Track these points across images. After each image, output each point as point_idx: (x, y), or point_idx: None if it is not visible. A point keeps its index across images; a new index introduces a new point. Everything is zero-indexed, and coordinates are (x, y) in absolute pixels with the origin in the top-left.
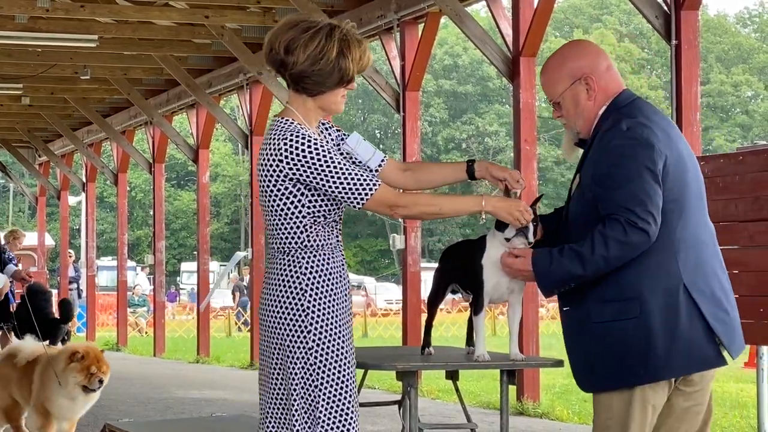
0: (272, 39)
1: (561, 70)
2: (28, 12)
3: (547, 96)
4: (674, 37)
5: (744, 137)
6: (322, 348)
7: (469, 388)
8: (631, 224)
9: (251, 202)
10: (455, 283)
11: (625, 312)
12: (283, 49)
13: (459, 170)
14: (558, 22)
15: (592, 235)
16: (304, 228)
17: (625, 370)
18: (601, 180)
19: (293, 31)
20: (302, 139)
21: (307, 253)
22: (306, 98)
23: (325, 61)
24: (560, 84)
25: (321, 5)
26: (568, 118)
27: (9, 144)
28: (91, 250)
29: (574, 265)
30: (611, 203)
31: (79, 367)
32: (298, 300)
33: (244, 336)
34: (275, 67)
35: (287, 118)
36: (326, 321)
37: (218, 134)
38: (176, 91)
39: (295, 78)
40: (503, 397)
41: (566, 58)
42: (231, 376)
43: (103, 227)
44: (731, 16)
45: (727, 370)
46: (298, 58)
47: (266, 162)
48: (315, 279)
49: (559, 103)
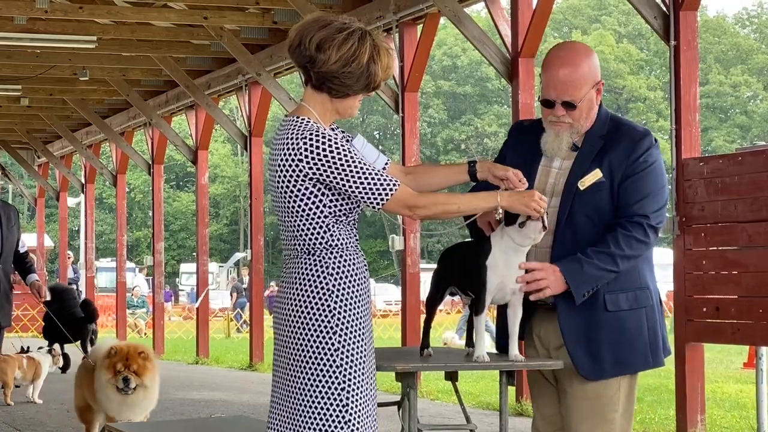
0: (303, 33)
1: (584, 72)
2: (26, 13)
3: (562, 95)
4: (673, 38)
5: (743, 138)
6: (347, 349)
7: (468, 389)
8: (651, 227)
9: (250, 204)
10: (454, 285)
11: (640, 300)
12: (314, 46)
13: (460, 171)
14: (557, 22)
15: (617, 236)
16: (328, 228)
17: (635, 357)
18: (631, 184)
19: (327, 30)
20: (322, 138)
21: (334, 252)
22: (327, 98)
23: (356, 65)
24: (585, 87)
25: (320, 6)
26: (577, 120)
27: (8, 145)
28: (90, 252)
29: (608, 265)
30: (637, 206)
31: (107, 363)
32: (324, 300)
33: (244, 337)
34: (301, 62)
35: (303, 116)
36: (351, 322)
37: (217, 135)
38: (175, 92)
39: (321, 77)
40: (502, 398)
41: (585, 61)
42: (230, 377)
43: (102, 228)
44: (730, 16)
45: (726, 371)
46: (330, 57)
47: (284, 162)
48: (342, 279)
49: (571, 103)
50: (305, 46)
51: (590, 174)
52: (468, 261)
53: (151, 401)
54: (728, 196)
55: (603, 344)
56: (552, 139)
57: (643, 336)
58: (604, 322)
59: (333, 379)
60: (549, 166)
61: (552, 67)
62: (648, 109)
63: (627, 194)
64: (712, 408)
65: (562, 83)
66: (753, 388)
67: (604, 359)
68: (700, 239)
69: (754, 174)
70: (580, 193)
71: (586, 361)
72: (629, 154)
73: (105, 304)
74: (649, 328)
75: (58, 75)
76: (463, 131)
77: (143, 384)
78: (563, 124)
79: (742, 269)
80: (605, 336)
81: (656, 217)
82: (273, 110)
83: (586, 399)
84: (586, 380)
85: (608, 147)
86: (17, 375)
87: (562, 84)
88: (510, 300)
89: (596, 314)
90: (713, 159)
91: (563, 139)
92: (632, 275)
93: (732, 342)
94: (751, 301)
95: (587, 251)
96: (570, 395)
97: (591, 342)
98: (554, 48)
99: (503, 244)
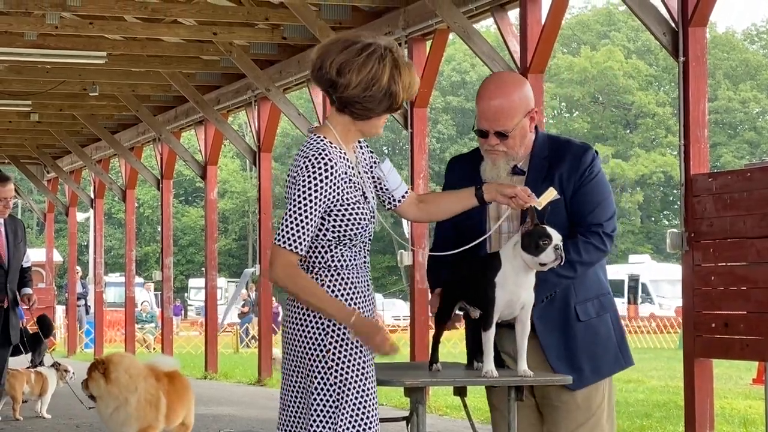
0: (323, 57)
1: (516, 102)
2: (37, 29)
3: (494, 125)
4: (682, 54)
5: (752, 154)
6: (341, 368)
7: (477, 405)
8: (606, 235)
9: (259, 219)
10: (462, 301)
11: (605, 306)
12: (335, 71)
13: (468, 197)
14: (566, 38)
15: (576, 243)
16: (329, 248)
17: (609, 361)
18: (582, 197)
19: (347, 53)
20: (319, 162)
21: (331, 272)
22: (349, 120)
23: (377, 88)
24: (516, 116)
25: (329, 22)
26: (511, 148)
27: (18, 160)
28: (99, 266)
29: (567, 271)
30: (591, 216)
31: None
32: (318, 318)
33: (252, 352)
34: (323, 86)
35: (321, 135)
36: (346, 340)
37: (226, 151)
38: (184, 108)
39: (344, 101)
40: (510, 414)
41: (517, 90)
42: (239, 392)
43: (111, 243)
44: (739, 32)
45: (735, 387)
46: (351, 82)
47: (290, 178)
48: (337, 299)
49: (503, 133)
50: (326, 70)
51: (545, 193)
52: (477, 276)
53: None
54: (737, 212)
55: (581, 354)
56: (490, 167)
57: (611, 339)
58: (578, 332)
59: (327, 396)
60: None
61: (483, 98)
62: (657, 125)
63: (579, 206)
64: (721, 424)
65: (493, 114)
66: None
67: (583, 369)
68: (709, 255)
69: (763, 190)
70: (539, 213)
71: (567, 371)
72: (576, 168)
73: (114, 318)
74: (615, 331)
75: (67, 90)
76: (471, 147)
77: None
78: (498, 153)
79: (751, 285)
80: (581, 345)
81: (609, 225)
82: (282, 126)
83: (577, 408)
84: (572, 390)
85: (554, 165)
86: (25, 390)
87: (493, 115)
88: (518, 316)
89: (571, 327)
90: (722, 175)
91: (500, 167)
92: (595, 283)
93: (741, 358)
94: (760, 317)
95: None
96: (561, 409)
97: (570, 354)
98: (486, 79)
99: (515, 262)
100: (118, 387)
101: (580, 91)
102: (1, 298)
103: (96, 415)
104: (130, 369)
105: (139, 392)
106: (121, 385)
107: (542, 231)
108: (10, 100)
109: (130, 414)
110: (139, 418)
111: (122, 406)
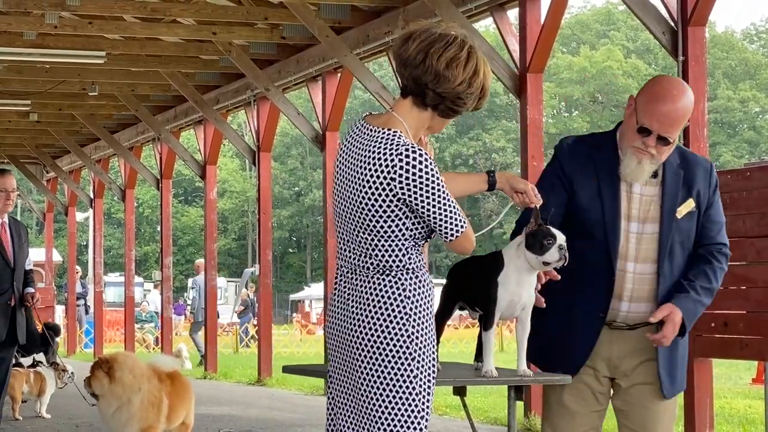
0: (428, 51)
1: (688, 112)
2: (36, 29)
3: (662, 130)
4: (681, 53)
5: (751, 153)
6: (424, 376)
7: (477, 405)
8: (727, 256)
9: (258, 218)
10: (462, 301)
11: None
12: (443, 65)
13: (480, 181)
14: (565, 38)
15: (714, 270)
16: (406, 250)
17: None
18: (711, 216)
19: (454, 48)
20: (419, 158)
21: (410, 275)
22: (429, 115)
23: (477, 85)
24: (682, 126)
25: (328, 21)
26: (662, 154)
27: (17, 160)
28: (98, 266)
29: (708, 300)
30: (719, 236)
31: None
32: (403, 324)
33: (252, 352)
34: (423, 80)
35: (395, 129)
36: (427, 347)
37: (226, 150)
38: (184, 108)
39: (442, 96)
40: (511, 413)
41: (690, 103)
42: (238, 392)
43: (111, 243)
44: (738, 32)
45: (734, 386)
46: (457, 77)
47: (371, 176)
48: (419, 303)
49: (667, 139)
50: (432, 64)
51: (685, 203)
52: (479, 276)
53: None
54: (736, 211)
55: (677, 363)
56: (635, 165)
57: (686, 348)
58: (678, 342)
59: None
60: (629, 191)
61: (660, 100)
62: None
63: (709, 224)
64: (720, 424)
65: (667, 119)
66: (762, 404)
67: (676, 378)
68: None
69: (762, 189)
70: (677, 221)
71: (668, 381)
72: (709, 184)
73: (113, 318)
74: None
75: (67, 90)
76: (471, 146)
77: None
78: (646, 153)
79: (750, 284)
80: (679, 355)
81: (727, 245)
82: (281, 125)
83: (665, 413)
84: (665, 398)
85: (688, 177)
86: (24, 389)
87: (668, 120)
88: (519, 316)
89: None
90: (721, 174)
91: (644, 168)
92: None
93: (740, 357)
94: (759, 317)
95: (696, 287)
96: (652, 411)
97: (671, 362)
98: (664, 80)
99: (518, 262)
100: (121, 386)
101: (579, 90)
102: (8, 296)
103: (96, 414)
104: (134, 369)
105: (143, 393)
106: (125, 385)
107: (547, 231)
108: (10, 100)
109: (133, 414)
110: (141, 418)
111: (125, 405)
